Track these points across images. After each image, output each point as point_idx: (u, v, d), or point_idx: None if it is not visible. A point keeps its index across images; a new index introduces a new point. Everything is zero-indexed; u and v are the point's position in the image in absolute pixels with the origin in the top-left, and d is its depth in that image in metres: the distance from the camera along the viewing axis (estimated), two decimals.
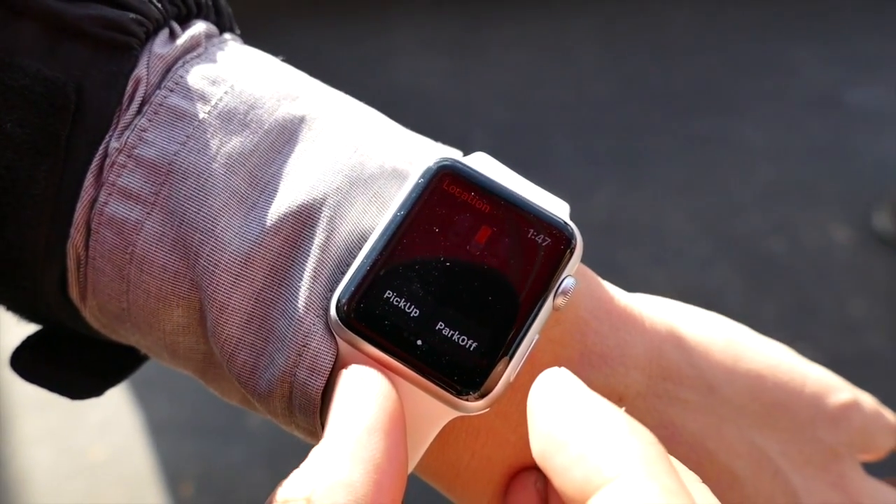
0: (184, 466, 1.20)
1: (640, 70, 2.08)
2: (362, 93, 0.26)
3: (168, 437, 1.23)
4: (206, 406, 1.26)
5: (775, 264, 1.54)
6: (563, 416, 0.17)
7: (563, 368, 0.19)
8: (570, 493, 0.17)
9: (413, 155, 0.23)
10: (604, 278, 0.25)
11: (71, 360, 0.25)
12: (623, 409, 0.18)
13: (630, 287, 0.25)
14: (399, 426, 0.18)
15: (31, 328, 0.25)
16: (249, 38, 0.26)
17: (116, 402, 1.27)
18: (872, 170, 1.76)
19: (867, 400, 0.28)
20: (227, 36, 0.24)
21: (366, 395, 0.19)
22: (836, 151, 1.81)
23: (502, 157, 0.24)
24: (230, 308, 0.21)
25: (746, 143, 1.84)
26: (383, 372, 0.20)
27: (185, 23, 0.23)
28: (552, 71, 2.06)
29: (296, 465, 0.18)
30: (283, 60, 0.25)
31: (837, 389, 0.27)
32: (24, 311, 0.24)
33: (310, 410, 0.21)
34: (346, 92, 0.25)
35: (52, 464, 1.20)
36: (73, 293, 0.22)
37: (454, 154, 0.23)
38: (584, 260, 0.23)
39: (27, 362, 0.24)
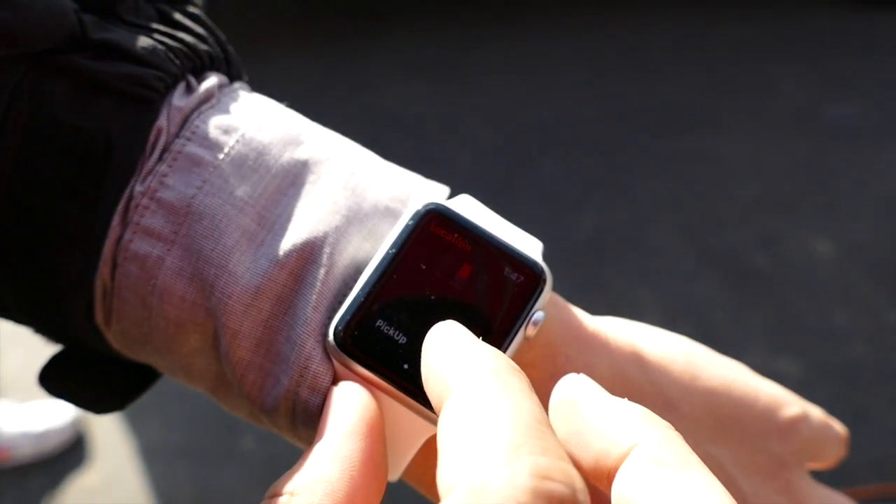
0: (177, 491, 1.19)
1: (623, 90, 2.10)
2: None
3: (161, 462, 1.23)
4: (199, 430, 1.26)
5: (759, 277, 1.55)
6: (437, 352, 0.20)
7: (451, 321, 0.21)
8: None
9: (405, 194, 0.25)
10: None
11: (94, 378, 0.27)
12: None
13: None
14: (375, 431, 0.20)
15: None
16: None
17: (109, 428, 1.27)
18: (850, 183, 1.79)
19: (816, 413, 0.30)
20: (236, 85, 0.27)
21: (346, 406, 0.21)
22: (815, 166, 1.84)
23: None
24: (241, 334, 0.23)
25: (728, 159, 1.86)
26: (368, 388, 0.22)
27: (200, 74, 0.26)
28: (535, 92, 2.09)
29: None
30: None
31: (788, 404, 0.29)
32: (52, 332, 0.26)
33: (311, 424, 0.23)
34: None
35: (45, 492, 1.20)
36: (99, 319, 0.24)
37: (442, 191, 0.26)
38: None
39: (54, 380, 0.26)
